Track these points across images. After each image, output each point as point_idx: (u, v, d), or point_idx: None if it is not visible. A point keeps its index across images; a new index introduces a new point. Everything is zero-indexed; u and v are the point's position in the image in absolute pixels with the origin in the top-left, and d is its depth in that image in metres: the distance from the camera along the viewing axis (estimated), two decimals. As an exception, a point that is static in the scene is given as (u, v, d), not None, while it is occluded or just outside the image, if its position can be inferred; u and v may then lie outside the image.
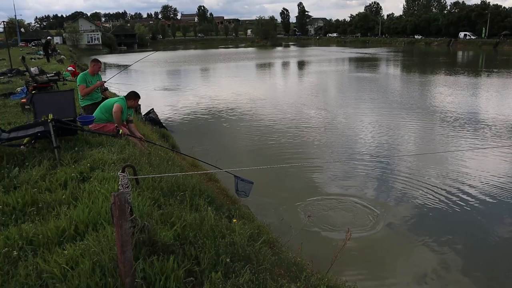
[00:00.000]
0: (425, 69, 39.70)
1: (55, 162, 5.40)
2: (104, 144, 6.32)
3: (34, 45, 60.56)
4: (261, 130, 14.56)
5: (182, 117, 17.34)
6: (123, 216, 2.70)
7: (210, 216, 4.05)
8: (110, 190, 4.20)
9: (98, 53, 79.16)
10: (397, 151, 11.88)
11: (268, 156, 11.41)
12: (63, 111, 6.51)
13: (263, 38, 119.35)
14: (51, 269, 2.98)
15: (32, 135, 5.91)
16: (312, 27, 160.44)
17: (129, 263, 2.77)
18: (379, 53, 67.05)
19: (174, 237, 3.48)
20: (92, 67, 8.35)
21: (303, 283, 3.57)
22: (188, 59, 59.56)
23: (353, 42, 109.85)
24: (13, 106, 10.52)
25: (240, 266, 3.26)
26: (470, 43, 79.97)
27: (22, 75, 17.78)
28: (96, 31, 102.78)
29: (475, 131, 13.74)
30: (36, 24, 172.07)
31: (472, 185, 8.93)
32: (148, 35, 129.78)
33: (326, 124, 15.29)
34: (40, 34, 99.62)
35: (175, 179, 5.10)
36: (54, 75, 13.20)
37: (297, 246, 5.08)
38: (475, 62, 51.73)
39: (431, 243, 6.57)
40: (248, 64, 49.64)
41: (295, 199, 8.22)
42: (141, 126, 10.26)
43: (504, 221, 7.41)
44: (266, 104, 20.18)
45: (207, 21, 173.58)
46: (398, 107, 18.59)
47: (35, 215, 3.92)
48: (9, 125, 7.62)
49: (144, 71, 38.91)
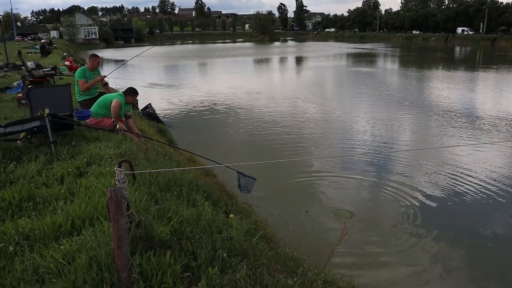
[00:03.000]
0: (423, 64, 39.70)
1: (52, 157, 5.39)
2: (101, 139, 6.31)
3: (31, 39, 60.26)
4: (259, 124, 14.55)
5: (180, 112, 17.31)
6: (120, 211, 2.69)
7: (207, 211, 4.06)
8: (107, 185, 4.20)
9: (95, 47, 78.82)
10: (396, 145, 11.90)
11: (265, 150, 11.41)
12: (59, 106, 6.49)
13: (261, 33, 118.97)
14: (47, 264, 2.98)
15: (28, 130, 5.89)
16: (310, 22, 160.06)
17: (125, 258, 2.77)
18: (377, 48, 67.01)
19: (171, 232, 3.48)
20: (91, 62, 8.31)
21: (299, 278, 3.58)
22: (186, 54, 59.39)
23: (351, 37, 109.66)
24: (9, 100, 10.48)
25: (237, 261, 3.26)
26: (468, 39, 79.95)
27: (18, 69, 17.70)
28: (93, 25, 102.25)
29: (472, 126, 13.76)
30: (32, 18, 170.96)
31: (471, 180, 8.94)
32: (146, 29, 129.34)
33: (324, 119, 15.29)
34: (36, 28, 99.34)
35: (172, 174, 5.09)
36: (51, 70, 13.15)
37: (294, 241, 5.10)
38: (472, 57, 51.79)
39: (429, 238, 6.59)
40: (246, 60, 49.54)
41: (292, 194, 8.24)
42: (138, 121, 10.24)
43: (503, 216, 7.43)
44: (264, 99, 20.17)
45: (204, 15, 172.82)
46: (397, 103, 18.61)
47: (32, 210, 3.91)
48: (5, 120, 7.59)
49: (142, 66, 38.77)
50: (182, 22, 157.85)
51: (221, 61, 47.36)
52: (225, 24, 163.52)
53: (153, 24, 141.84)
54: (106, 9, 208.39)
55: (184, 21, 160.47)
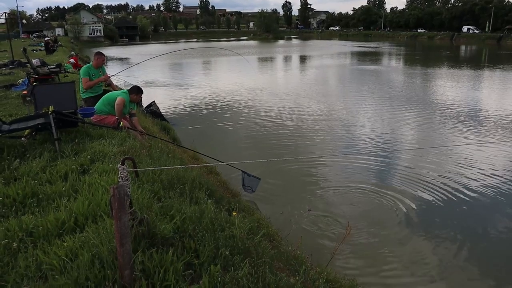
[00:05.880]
0: (428, 63, 39.51)
1: (56, 154, 5.41)
2: (104, 136, 6.32)
3: (36, 36, 60.48)
4: (263, 123, 14.54)
5: (184, 109, 17.32)
6: (122, 209, 2.69)
7: (209, 209, 4.06)
8: (110, 183, 4.20)
9: (100, 45, 78.96)
10: (400, 144, 11.85)
11: (268, 149, 11.40)
12: (64, 103, 6.49)
13: (265, 31, 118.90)
14: (50, 260, 2.99)
15: (32, 127, 5.91)
16: (314, 20, 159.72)
17: (128, 255, 2.77)
18: (382, 47, 66.76)
19: (173, 229, 3.48)
20: (96, 60, 8.29)
21: (302, 276, 3.58)
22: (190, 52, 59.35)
23: (355, 35, 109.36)
24: (14, 97, 10.53)
25: (239, 259, 3.26)
26: (474, 37, 79.49)
27: (23, 66, 17.80)
28: (98, 23, 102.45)
29: (478, 125, 13.69)
30: (37, 15, 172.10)
31: (475, 179, 8.91)
32: (150, 27, 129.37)
33: (329, 117, 15.26)
34: (41, 26, 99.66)
35: (175, 172, 5.09)
36: (56, 67, 13.19)
37: (297, 239, 5.10)
38: (478, 56, 51.48)
39: (432, 237, 6.57)
40: (251, 58, 49.47)
41: (295, 192, 8.23)
42: (142, 118, 10.25)
43: (505, 216, 7.40)
44: (269, 98, 20.15)
45: (209, 13, 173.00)
46: (402, 101, 18.54)
47: (35, 207, 3.93)
48: (10, 117, 7.63)
49: (146, 64, 38.74)
50: (187, 20, 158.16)
51: (225, 59, 47.29)
52: (229, 22, 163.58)
53: (157, 22, 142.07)
54: (111, 7, 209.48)
55: (189, 19, 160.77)
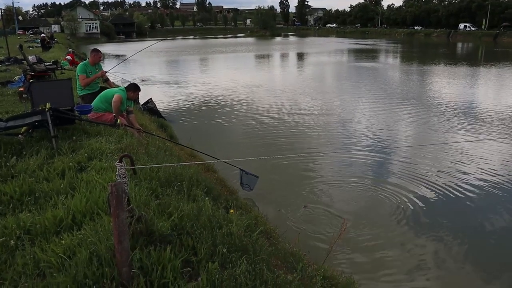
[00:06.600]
0: (424, 60, 39.57)
1: (53, 152, 5.40)
2: (102, 133, 6.32)
3: (32, 33, 60.18)
4: (260, 120, 14.53)
5: (181, 106, 17.29)
6: (120, 206, 2.70)
7: (207, 206, 4.07)
8: (108, 180, 4.21)
9: (96, 42, 78.67)
10: (396, 142, 11.88)
11: (265, 146, 11.40)
12: (60, 100, 6.49)
13: (262, 28, 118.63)
14: (48, 258, 2.99)
15: (29, 124, 5.89)
16: (311, 17, 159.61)
17: (126, 253, 2.78)
18: (379, 44, 66.77)
19: (171, 227, 3.49)
20: (93, 57, 8.26)
21: (299, 273, 3.60)
22: (187, 49, 59.25)
23: (353, 32, 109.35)
24: (10, 95, 10.49)
25: (237, 257, 3.28)
26: (470, 35, 79.57)
27: (20, 63, 17.72)
28: (94, 19, 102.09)
29: (472, 122, 13.74)
30: (34, 12, 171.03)
31: (472, 175, 8.95)
32: (147, 24, 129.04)
33: (326, 115, 15.27)
34: (38, 22, 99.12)
35: (173, 169, 5.10)
36: (52, 64, 13.14)
37: (294, 236, 5.12)
38: (474, 53, 51.60)
39: (429, 234, 6.59)
40: (248, 55, 49.43)
41: (292, 189, 8.24)
42: (139, 116, 10.23)
43: (504, 213, 7.43)
44: (266, 95, 20.13)
45: (206, 10, 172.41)
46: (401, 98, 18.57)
47: (33, 205, 3.93)
48: (6, 114, 7.60)
49: (142, 61, 38.68)
50: (184, 17, 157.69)
51: (222, 56, 47.24)
52: (226, 19, 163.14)
53: (154, 19, 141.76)
54: (108, 3, 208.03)
55: (186, 16, 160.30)
